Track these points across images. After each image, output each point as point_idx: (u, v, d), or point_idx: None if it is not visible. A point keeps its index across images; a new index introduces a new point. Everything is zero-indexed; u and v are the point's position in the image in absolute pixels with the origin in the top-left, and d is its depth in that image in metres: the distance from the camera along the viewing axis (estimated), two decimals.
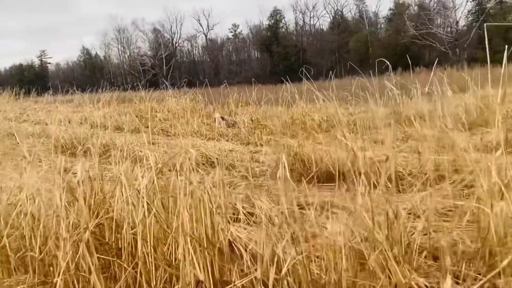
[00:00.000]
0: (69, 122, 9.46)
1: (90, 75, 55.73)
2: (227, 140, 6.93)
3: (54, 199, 1.96)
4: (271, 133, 6.97)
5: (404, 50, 35.65)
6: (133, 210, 1.93)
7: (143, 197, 1.88)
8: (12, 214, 2.15)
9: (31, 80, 52.78)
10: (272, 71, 47.29)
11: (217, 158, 4.76)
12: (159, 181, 2.34)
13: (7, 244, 2.06)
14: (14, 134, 8.72)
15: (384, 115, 6.38)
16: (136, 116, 9.83)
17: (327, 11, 56.53)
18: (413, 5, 40.06)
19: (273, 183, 3.45)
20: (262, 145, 6.17)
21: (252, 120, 8.44)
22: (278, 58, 48.03)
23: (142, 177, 1.98)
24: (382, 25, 50.38)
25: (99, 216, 1.89)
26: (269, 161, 4.62)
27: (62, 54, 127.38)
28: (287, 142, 5.78)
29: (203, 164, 4.68)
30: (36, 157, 5.87)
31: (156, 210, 1.91)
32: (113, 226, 1.97)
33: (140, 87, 11.91)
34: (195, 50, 61.76)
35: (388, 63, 7.03)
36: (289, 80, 8.61)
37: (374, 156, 3.89)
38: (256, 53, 60.78)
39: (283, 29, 52.96)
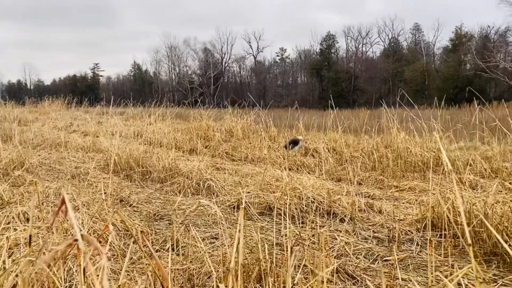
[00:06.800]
0: (121, 135, 8.60)
1: (139, 89, 56.68)
2: (309, 173, 5.69)
3: None
4: (364, 167, 5.67)
5: (466, 83, 33.39)
6: None
7: None
8: None
9: (83, 91, 54.37)
10: (320, 96, 46.09)
11: (321, 201, 3.51)
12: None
13: None
14: (61, 145, 7.89)
15: None
16: (194, 135, 8.84)
17: (380, 39, 54.84)
18: (477, 36, 37.83)
19: None
20: (360, 183, 4.88)
21: (328, 149, 7.18)
22: (328, 83, 46.74)
23: None
24: (439, 56, 48.19)
25: None
26: (403, 215, 3.32)
27: (112, 68, 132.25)
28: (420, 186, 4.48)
29: (303, 209, 3.45)
30: (85, 177, 4.83)
31: None
32: None
33: (199, 104, 11.04)
34: (242, 71, 61.69)
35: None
36: (334, 106, 7.78)
37: None
38: (302, 77, 59.77)
39: (334, 55, 51.66)
